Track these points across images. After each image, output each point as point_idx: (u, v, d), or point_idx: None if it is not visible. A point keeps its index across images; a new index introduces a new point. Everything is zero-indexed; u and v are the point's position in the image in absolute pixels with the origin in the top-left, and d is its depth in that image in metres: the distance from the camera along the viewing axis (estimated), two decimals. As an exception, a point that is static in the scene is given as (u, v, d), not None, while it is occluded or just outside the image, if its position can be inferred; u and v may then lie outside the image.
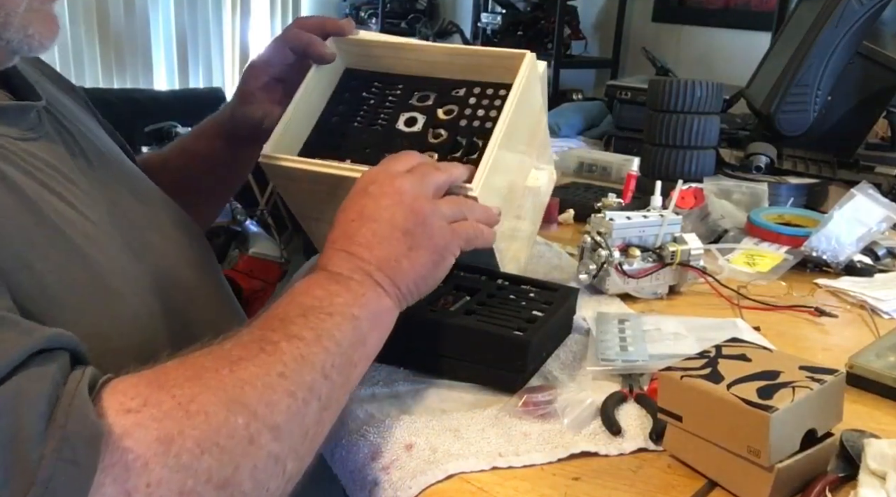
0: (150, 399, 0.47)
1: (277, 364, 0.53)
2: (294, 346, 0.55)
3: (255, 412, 0.50)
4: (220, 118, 0.98)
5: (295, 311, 0.58)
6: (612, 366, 0.76)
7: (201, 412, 0.48)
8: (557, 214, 1.29)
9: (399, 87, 0.91)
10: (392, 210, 0.66)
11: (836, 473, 0.60)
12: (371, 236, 0.65)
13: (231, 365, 0.52)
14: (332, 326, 0.58)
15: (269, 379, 0.52)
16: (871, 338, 0.88)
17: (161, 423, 0.46)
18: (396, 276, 0.65)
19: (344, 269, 0.64)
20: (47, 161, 0.64)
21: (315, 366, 0.56)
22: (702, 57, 2.96)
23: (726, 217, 1.22)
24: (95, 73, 3.95)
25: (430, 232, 0.67)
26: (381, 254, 0.65)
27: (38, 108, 0.69)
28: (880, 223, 1.08)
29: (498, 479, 0.61)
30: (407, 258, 0.66)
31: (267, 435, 0.50)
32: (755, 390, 0.58)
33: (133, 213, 0.75)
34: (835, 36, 1.38)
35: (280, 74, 0.91)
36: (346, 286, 0.62)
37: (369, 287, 0.63)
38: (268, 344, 0.54)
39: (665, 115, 1.38)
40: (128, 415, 0.46)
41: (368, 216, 0.66)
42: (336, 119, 0.90)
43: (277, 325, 0.57)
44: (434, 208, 0.68)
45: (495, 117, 0.83)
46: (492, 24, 3.41)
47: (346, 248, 0.65)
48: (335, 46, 0.89)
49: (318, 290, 0.61)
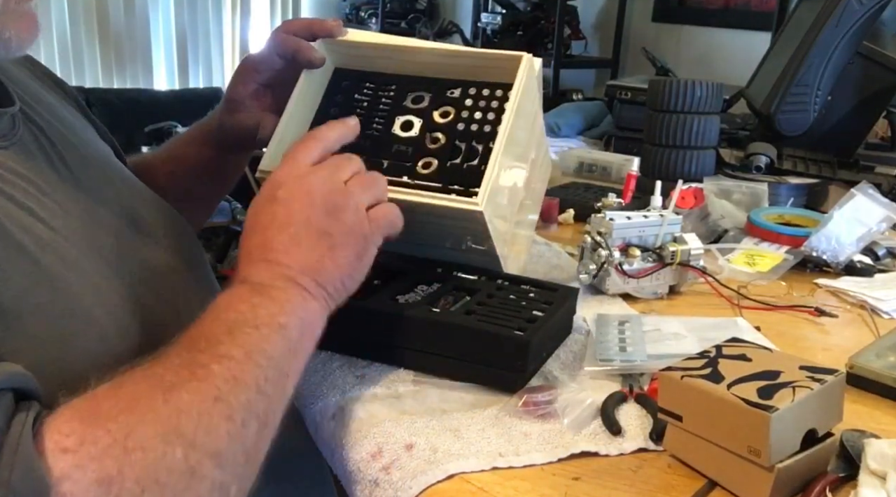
0: (86, 436, 0.46)
1: (211, 389, 0.52)
2: (225, 367, 0.54)
3: (194, 442, 0.49)
4: (207, 125, 0.95)
5: (220, 328, 0.57)
6: (610, 366, 0.76)
7: (138, 448, 0.46)
8: (557, 214, 1.29)
9: (392, 87, 0.89)
10: (306, 212, 0.65)
11: (836, 473, 0.60)
12: (289, 241, 0.64)
13: (164, 393, 0.50)
14: (259, 340, 0.57)
15: (205, 406, 0.51)
16: (871, 338, 0.88)
17: (99, 462, 0.45)
18: (321, 277, 0.64)
19: (265, 278, 0.62)
20: (17, 171, 0.61)
21: (249, 384, 0.54)
22: (702, 57, 2.96)
23: (726, 217, 1.22)
24: (95, 73, 3.96)
25: (348, 227, 0.66)
26: (302, 257, 0.63)
27: (12, 113, 0.65)
28: (880, 223, 1.08)
29: (498, 479, 0.61)
30: (329, 258, 0.64)
31: (208, 463, 0.49)
32: (755, 390, 0.58)
33: (113, 222, 0.71)
34: (835, 36, 1.38)
35: (268, 80, 0.89)
36: (268, 296, 0.61)
37: (294, 293, 0.62)
38: (199, 368, 0.53)
39: (665, 115, 1.38)
40: (65, 455, 0.44)
41: (282, 222, 0.64)
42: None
43: (204, 346, 0.55)
44: (347, 201, 0.67)
45: (494, 120, 0.83)
46: (492, 24, 3.41)
47: (264, 256, 0.63)
48: (324, 47, 0.88)
49: (240, 304, 0.60)
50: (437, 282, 0.83)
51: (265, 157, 0.83)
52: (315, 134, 0.71)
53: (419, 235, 0.81)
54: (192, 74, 4.29)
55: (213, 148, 0.95)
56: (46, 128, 0.70)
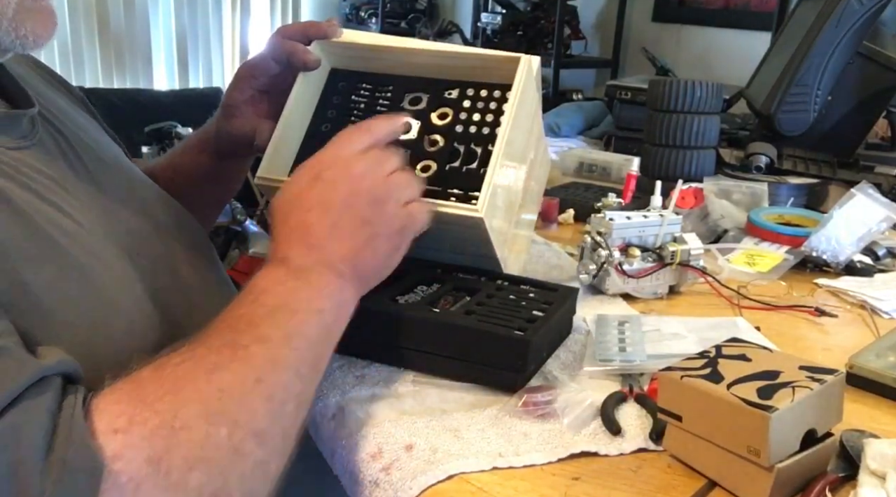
0: (135, 417, 0.47)
1: (252, 370, 0.54)
2: (265, 348, 0.55)
3: (237, 421, 0.51)
4: (205, 133, 0.96)
5: (260, 311, 0.58)
6: (610, 366, 0.77)
7: (184, 428, 0.48)
8: (557, 214, 1.29)
9: (389, 88, 0.88)
10: (350, 200, 0.66)
11: (836, 473, 0.60)
12: (331, 227, 0.65)
13: (207, 374, 0.52)
14: (298, 324, 0.59)
15: (247, 386, 0.53)
16: (871, 338, 0.88)
17: (149, 442, 0.46)
18: (359, 265, 0.65)
19: (305, 262, 0.63)
20: (40, 169, 0.63)
21: (287, 367, 0.56)
22: (702, 57, 2.96)
23: (726, 217, 1.22)
24: (95, 73, 3.95)
25: (388, 219, 0.67)
26: (343, 245, 0.65)
27: (31, 115, 0.67)
28: (880, 223, 1.08)
29: (498, 479, 0.61)
30: (369, 247, 0.66)
31: (251, 442, 0.51)
32: (755, 390, 0.58)
33: (131, 219, 0.73)
34: (835, 36, 1.38)
35: (264, 86, 0.89)
36: (306, 280, 0.62)
37: (331, 279, 0.63)
38: (240, 348, 0.55)
39: (665, 115, 1.38)
40: (116, 436, 0.46)
41: (326, 206, 0.66)
42: (327, 126, 0.88)
43: (245, 328, 0.57)
44: (390, 194, 0.68)
45: (492, 122, 0.83)
46: (492, 24, 3.41)
47: (305, 240, 0.65)
48: (319, 49, 0.87)
49: (279, 286, 0.61)
50: (436, 282, 0.83)
51: (263, 163, 0.82)
52: (366, 125, 0.72)
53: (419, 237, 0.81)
54: (192, 74, 4.29)
55: (211, 155, 0.96)
56: (63, 129, 0.72)
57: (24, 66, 0.77)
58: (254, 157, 0.85)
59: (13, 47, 0.63)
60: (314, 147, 0.86)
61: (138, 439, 0.46)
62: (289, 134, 0.85)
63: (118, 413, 0.47)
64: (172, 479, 0.46)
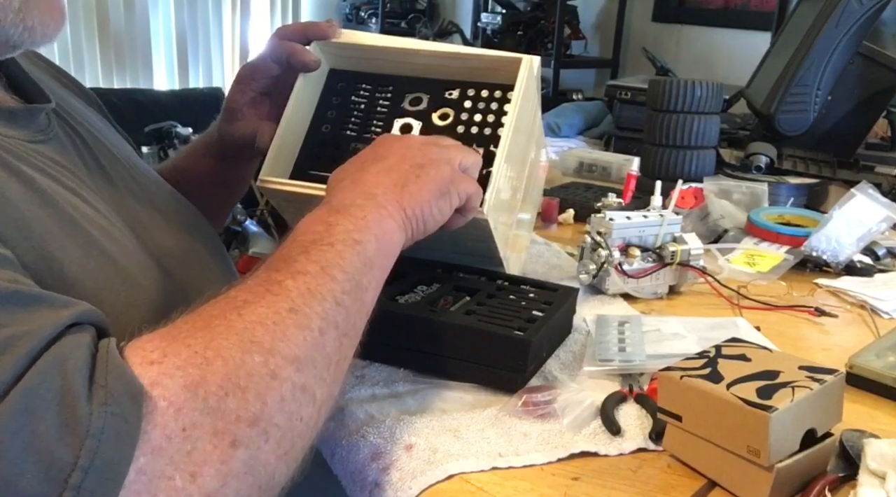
0: (168, 350, 0.48)
1: (285, 301, 0.54)
2: (300, 282, 0.56)
3: (271, 348, 0.51)
4: (208, 136, 0.97)
5: (297, 249, 0.59)
6: (609, 366, 0.77)
7: (218, 357, 0.49)
8: (557, 214, 1.29)
9: (389, 89, 0.88)
10: (400, 151, 0.69)
11: (836, 473, 0.60)
12: (379, 169, 0.67)
13: (238, 310, 0.53)
14: (334, 256, 0.59)
15: (279, 316, 0.53)
16: (871, 338, 0.88)
17: (184, 370, 0.47)
18: (402, 197, 0.66)
19: (347, 197, 0.64)
20: (57, 161, 0.65)
21: (325, 296, 0.56)
22: (702, 57, 2.96)
23: (726, 217, 1.22)
24: (95, 73, 3.96)
25: (439, 169, 0.69)
26: (389, 180, 0.66)
27: (48, 110, 0.69)
28: (880, 223, 1.08)
29: (498, 479, 0.61)
30: (414, 183, 0.67)
31: (287, 367, 0.52)
32: (755, 390, 0.58)
33: (143, 213, 0.75)
34: (835, 36, 1.38)
35: (265, 88, 0.89)
36: (346, 214, 0.63)
37: (371, 210, 0.64)
38: (273, 284, 0.55)
39: (665, 115, 1.38)
40: (151, 366, 0.47)
41: (376, 158, 0.69)
42: (327, 127, 0.88)
43: (281, 266, 0.57)
44: (442, 154, 0.70)
45: (494, 122, 0.83)
46: (492, 24, 3.41)
47: (353, 182, 0.66)
48: (318, 49, 0.87)
49: (317, 225, 0.62)
50: (436, 282, 0.83)
51: (265, 164, 0.82)
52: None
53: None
54: (192, 74, 4.29)
55: (214, 158, 0.96)
56: (77, 127, 0.73)
57: (39, 68, 0.78)
58: (258, 159, 0.85)
59: (22, 41, 0.63)
60: (314, 148, 0.86)
61: (172, 368, 0.47)
62: (290, 135, 0.85)
63: (152, 348, 0.48)
64: (210, 404, 0.47)
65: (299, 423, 0.52)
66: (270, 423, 0.50)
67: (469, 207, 0.73)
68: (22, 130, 0.64)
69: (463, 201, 0.71)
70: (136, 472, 0.43)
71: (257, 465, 0.49)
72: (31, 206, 0.57)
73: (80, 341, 0.46)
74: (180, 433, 0.45)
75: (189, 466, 0.45)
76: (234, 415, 0.48)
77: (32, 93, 0.71)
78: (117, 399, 0.44)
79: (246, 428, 0.48)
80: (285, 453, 0.51)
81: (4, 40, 0.62)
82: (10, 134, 0.62)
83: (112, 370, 0.45)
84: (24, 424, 0.41)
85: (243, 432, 0.48)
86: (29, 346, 0.44)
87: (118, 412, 0.43)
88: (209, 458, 0.46)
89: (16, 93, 0.70)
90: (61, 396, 0.43)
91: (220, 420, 0.47)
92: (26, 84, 0.71)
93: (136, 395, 0.45)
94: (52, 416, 0.42)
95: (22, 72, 0.71)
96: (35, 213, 0.57)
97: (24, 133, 0.64)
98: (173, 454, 0.45)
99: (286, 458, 0.51)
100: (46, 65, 0.83)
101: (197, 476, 0.46)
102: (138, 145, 0.99)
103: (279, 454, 0.50)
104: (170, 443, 0.45)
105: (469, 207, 0.73)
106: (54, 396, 0.43)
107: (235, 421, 0.48)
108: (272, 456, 0.50)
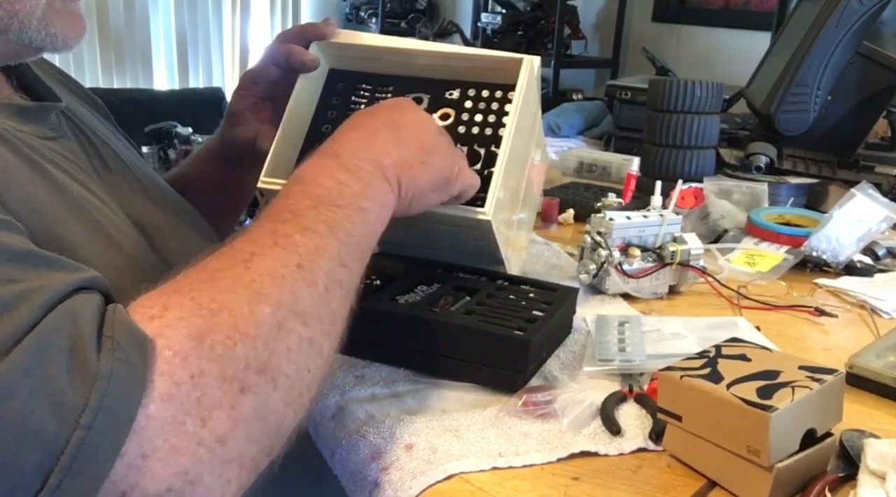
0: (169, 303, 0.49)
1: (294, 255, 0.55)
2: (308, 238, 0.56)
3: (279, 301, 0.52)
4: (212, 142, 0.98)
5: (305, 202, 0.59)
6: (609, 366, 0.77)
7: (224, 309, 0.49)
8: (557, 214, 1.29)
9: (389, 89, 0.88)
10: (419, 127, 0.70)
11: (836, 473, 0.60)
12: (392, 136, 0.68)
13: (245, 262, 0.53)
14: (342, 218, 0.60)
15: (287, 270, 0.54)
16: (871, 338, 0.88)
17: (188, 321, 0.48)
18: (405, 177, 0.67)
19: (357, 156, 0.65)
20: (67, 156, 0.67)
21: (332, 256, 0.57)
22: (702, 57, 2.96)
23: (726, 217, 1.22)
24: (95, 73, 3.96)
25: (444, 162, 0.71)
26: (398, 154, 0.67)
27: (58, 110, 0.71)
28: (880, 223, 1.08)
29: (498, 479, 0.61)
30: (419, 168, 0.68)
31: (295, 320, 0.52)
32: (755, 390, 0.58)
33: (148, 213, 0.76)
34: (835, 36, 1.38)
35: (266, 93, 0.90)
36: (355, 176, 0.63)
37: (378, 179, 0.65)
38: (281, 237, 0.56)
39: (665, 115, 1.38)
40: (153, 321, 0.48)
41: (396, 124, 0.69)
42: (328, 127, 0.88)
43: (289, 217, 0.58)
44: (452, 151, 0.72)
45: (495, 123, 0.83)
46: (492, 24, 3.41)
47: (364, 138, 0.67)
48: (319, 50, 0.87)
49: (326, 178, 0.62)
50: (437, 282, 0.83)
51: (266, 165, 0.82)
52: None
53: (421, 238, 0.81)
54: (192, 74, 4.29)
55: (217, 163, 0.97)
56: (85, 129, 0.75)
57: (47, 73, 0.79)
58: (262, 165, 0.85)
59: (44, 45, 0.65)
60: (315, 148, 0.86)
61: (175, 320, 0.48)
62: (290, 136, 0.85)
63: (152, 303, 0.49)
64: (217, 352, 0.47)
65: (307, 373, 0.53)
66: (279, 372, 0.50)
67: (461, 198, 0.76)
68: (34, 126, 0.66)
69: (455, 195, 0.74)
70: (146, 418, 0.44)
71: (266, 411, 0.49)
72: (43, 192, 0.59)
73: (90, 299, 0.48)
74: (189, 380, 0.46)
75: (199, 411, 0.46)
76: (242, 362, 0.48)
77: (43, 94, 0.72)
78: (124, 347, 0.45)
79: (255, 375, 0.49)
80: (293, 401, 0.52)
81: (27, 43, 0.64)
82: (23, 129, 0.64)
83: (118, 323, 0.47)
84: (35, 366, 0.42)
85: (252, 379, 0.49)
86: (44, 298, 0.45)
87: (125, 358, 0.44)
88: (219, 404, 0.47)
89: (26, 93, 0.71)
90: (72, 343, 0.44)
91: (228, 367, 0.48)
92: (37, 86, 0.73)
93: (142, 344, 0.46)
94: (64, 360, 0.43)
95: (32, 74, 0.73)
96: (46, 198, 0.59)
97: (36, 129, 0.66)
98: (183, 400, 0.46)
99: (294, 406, 0.52)
100: (54, 71, 0.84)
101: (207, 420, 0.46)
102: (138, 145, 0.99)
103: (287, 402, 0.51)
104: (178, 389, 0.46)
105: (461, 198, 0.76)
106: (65, 343, 0.44)
107: (244, 368, 0.48)
108: (281, 404, 0.51)
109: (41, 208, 0.57)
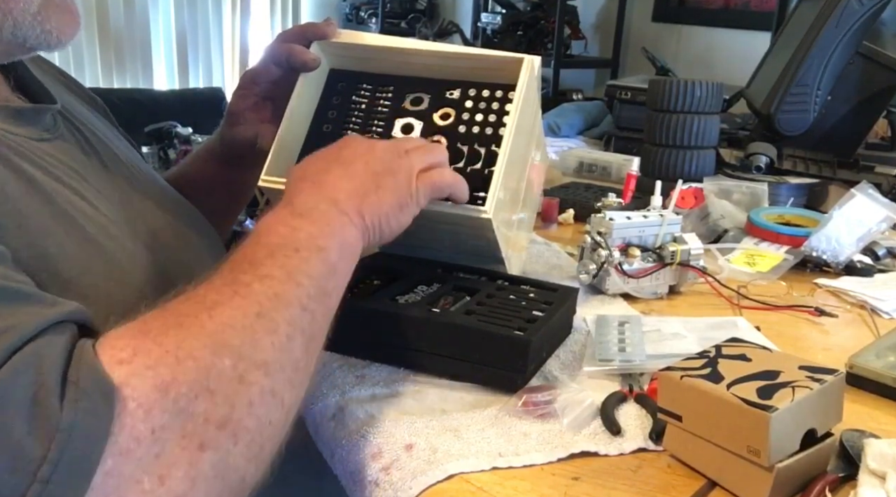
0: (138, 348, 0.48)
1: (253, 305, 0.54)
2: (267, 286, 0.56)
3: (240, 352, 0.51)
4: (212, 142, 0.97)
5: (262, 252, 0.59)
6: (610, 366, 0.77)
7: (189, 358, 0.49)
8: (557, 214, 1.29)
9: (389, 89, 0.88)
10: (367, 156, 0.69)
11: (836, 473, 0.60)
12: (342, 174, 0.67)
13: (209, 310, 0.53)
14: (300, 262, 0.59)
15: (248, 320, 0.53)
16: (871, 338, 0.88)
17: (154, 370, 0.47)
18: (363, 206, 0.66)
19: (309, 201, 0.64)
20: (62, 160, 0.66)
21: (291, 302, 0.57)
22: (702, 57, 2.96)
23: (726, 217, 1.22)
24: (95, 73, 3.96)
25: (398, 180, 0.70)
26: (350, 187, 0.67)
27: (54, 111, 0.70)
28: (880, 223, 1.08)
29: (498, 479, 0.61)
30: (374, 193, 0.68)
31: (256, 372, 0.52)
32: (755, 390, 0.58)
33: (146, 213, 0.75)
34: (835, 36, 1.38)
35: (267, 93, 0.90)
36: (309, 219, 0.63)
37: (334, 216, 0.64)
38: (241, 286, 0.55)
39: (665, 115, 1.38)
40: (121, 366, 0.47)
41: (340, 161, 0.69)
42: (328, 127, 0.88)
43: (247, 268, 0.57)
44: (402, 163, 0.71)
45: (495, 122, 0.83)
46: (492, 24, 3.41)
47: (314, 181, 0.67)
48: (319, 50, 0.87)
49: (281, 227, 0.62)
50: (437, 282, 0.83)
51: (267, 165, 0.82)
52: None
53: (421, 238, 0.81)
54: (192, 74, 4.29)
55: (217, 163, 0.97)
56: (83, 129, 0.75)
57: (46, 72, 0.79)
58: (261, 164, 0.85)
59: (38, 43, 0.65)
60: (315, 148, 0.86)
61: (143, 368, 0.47)
62: (290, 135, 0.85)
63: (122, 346, 0.48)
64: (180, 406, 0.47)
65: (268, 426, 0.52)
66: (239, 425, 0.50)
67: (456, 198, 0.75)
68: (28, 129, 0.65)
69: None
70: (103, 475, 0.43)
71: (226, 467, 0.49)
72: (30, 203, 0.58)
73: (58, 340, 0.47)
74: (149, 435, 0.45)
75: (157, 469, 0.45)
76: (202, 417, 0.48)
77: (39, 94, 0.72)
78: (89, 396, 0.44)
79: (214, 431, 0.48)
80: (255, 456, 0.51)
81: (21, 41, 0.64)
82: (16, 132, 0.63)
83: (84, 368, 0.45)
84: None
85: (212, 435, 0.48)
86: (9, 341, 0.44)
87: (89, 408, 0.43)
88: (178, 461, 0.46)
89: (23, 94, 0.71)
90: (34, 391, 0.43)
91: (188, 422, 0.47)
92: (33, 86, 0.72)
93: (109, 394, 0.45)
94: (24, 410, 0.42)
95: (29, 74, 0.72)
96: (33, 209, 0.58)
97: (30, 131, 0.65)
98: (141, 456, 0.45)
99: (256, 460, 0.51)
100: (54, 70, 0.84)
101: (165, 479, 0.45)
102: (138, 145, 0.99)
103: (248, 457, 0.50)
104: (138, 445, 0.45)
105: (456, 198, 0.75)
106: (27, 391, 0.43)
107: (204, 423, 0.48)
108: (241, 459, 0.50)
109: (26, 222, 0.57)
